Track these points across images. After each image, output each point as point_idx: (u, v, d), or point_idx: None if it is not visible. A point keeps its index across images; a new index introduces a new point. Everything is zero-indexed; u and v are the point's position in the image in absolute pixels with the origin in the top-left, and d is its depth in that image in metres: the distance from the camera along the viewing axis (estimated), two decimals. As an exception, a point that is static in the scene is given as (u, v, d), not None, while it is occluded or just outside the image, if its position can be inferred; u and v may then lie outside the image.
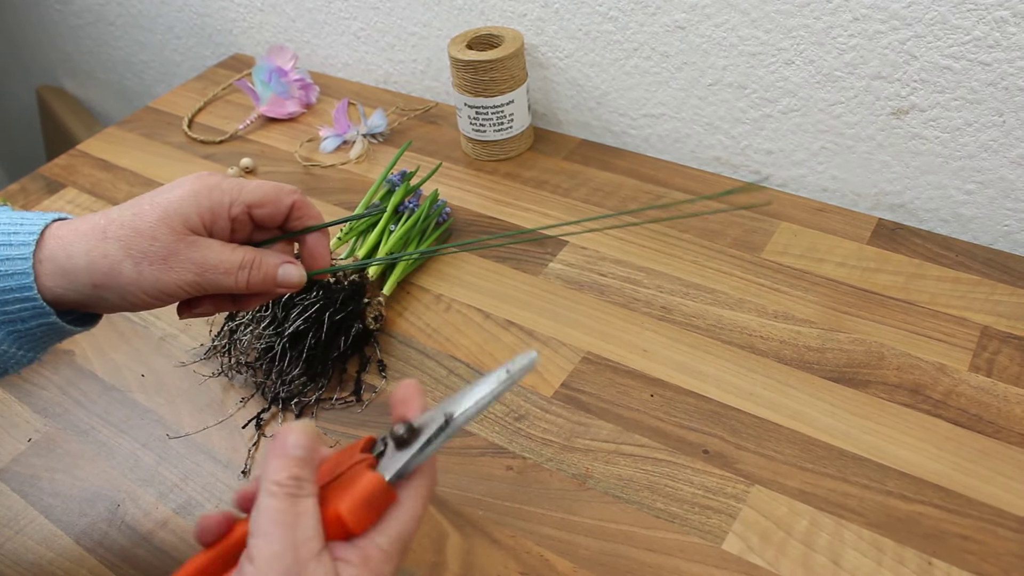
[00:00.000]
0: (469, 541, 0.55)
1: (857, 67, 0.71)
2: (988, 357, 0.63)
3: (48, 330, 0.48)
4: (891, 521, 0.54)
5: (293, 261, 0.51)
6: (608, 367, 0.65)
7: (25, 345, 0.48)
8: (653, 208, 0.79)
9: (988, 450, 0.57)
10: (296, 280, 0.51)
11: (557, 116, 0.93)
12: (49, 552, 0.58)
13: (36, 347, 0.49)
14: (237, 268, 0.48)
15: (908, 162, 0.74)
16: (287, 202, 0.51)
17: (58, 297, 0.47)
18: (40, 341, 0.49)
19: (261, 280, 0.49)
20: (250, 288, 0.49)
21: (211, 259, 0.47)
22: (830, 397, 0.61)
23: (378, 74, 1.06)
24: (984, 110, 0.67)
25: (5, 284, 0.46)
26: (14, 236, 0.47)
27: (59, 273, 0.46)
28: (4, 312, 0.46)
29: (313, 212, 0.52)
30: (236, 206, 0.49)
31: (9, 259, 0.46)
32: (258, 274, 0.49)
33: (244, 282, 0.49)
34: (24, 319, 0.47)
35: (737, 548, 0.53)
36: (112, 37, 1.42)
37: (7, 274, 0.46)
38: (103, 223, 0.47)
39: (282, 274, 0.50)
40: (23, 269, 0.46)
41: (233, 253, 0.48)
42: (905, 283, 0.69)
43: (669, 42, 0.80)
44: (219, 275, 0.48)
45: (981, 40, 0.64)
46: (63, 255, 0.47)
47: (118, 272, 0.46)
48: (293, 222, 0.52)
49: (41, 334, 0.48)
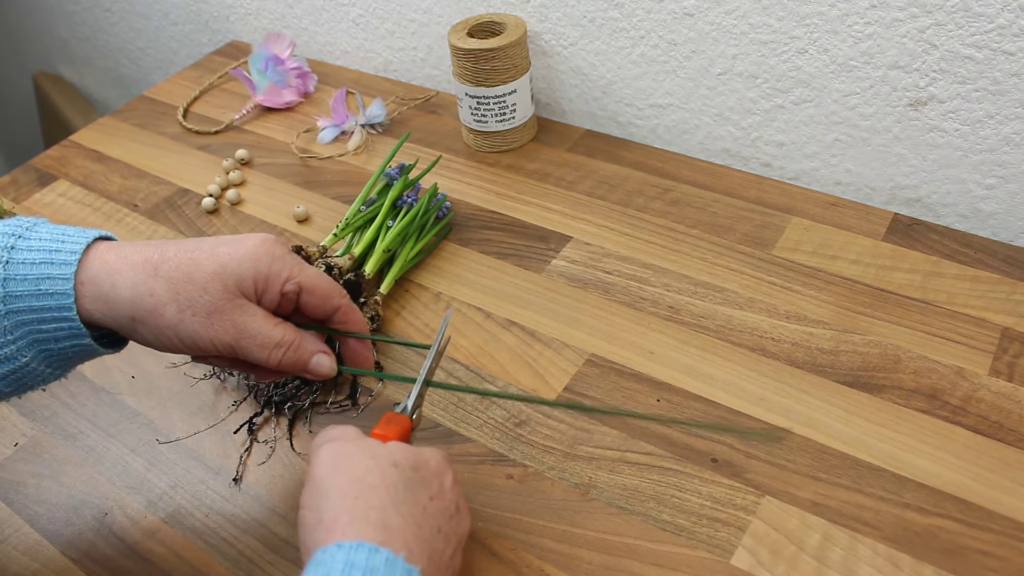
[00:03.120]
0: (467, 555, 0.53)
1: (873, 56, 0.68)
2: (1009, 360, 0.60)
3: (80, 351, 0.48)
4: (908, 535, 0.51)
5: (328, 352, 0.52)
6: (613, 370, 0.63)
7: (53, 363, 0.48)
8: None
9: (1009, 460, 0.54)
10: (326, 371, 0.51)
11: (561, 106, 0.90)
12: (34, 563, 0.56)
13: (64, 366, 0.49)
14: (274, 345, 0.48)
15: (926, 155, 0.71)
16: (336, 303, 0.51)
17: (94, 321, 0.47)
18: (70, 361, 0.48)
19: (292, 363, 0.50)
20: (280, 368, 0.49)
21: (252, 328, 0.47)
22: (844, 403, 0.59)
23: (377, 62, 1.04)
24: (1007, 101, 0.65)
25: (44, 303, 0.45)
26: (56, 255, 0.46)
27: (100, 299, 0.46)
28: (39, 331, 0.46)
29: (358, 318, 0.53)
30: (291, 284, 0.49)
31: (50, 278, 0.45)
32: (292, 356, 0.49)
33: (277, 360, 0.49)
34: (58, 339, 0.46)
35: (747, 563, 0.51)
36: (108, 24, 1.39)
37: (47, 293, 0.45)
38: (156, 259, 0.47)
39: (314, 363, 0.51)
40: (64, 290, 0.45)
41: (275, 329, 0.48)
42: (922, 282, 0.67)
43: (677, 30, 0.77)
44: (255, 346, 0.48)
45: (1005, 28, 0.61)
46: (108, 283, 0.46)
47: (160, 314, 0.46)
48: (335, 323, 0.53)
49: (72, 354, 0.48)
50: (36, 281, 0.45)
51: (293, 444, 0.61)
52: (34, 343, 0.46)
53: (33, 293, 0.45)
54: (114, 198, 0.88)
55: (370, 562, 0.39)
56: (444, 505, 0.45)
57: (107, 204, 0.87)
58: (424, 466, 0.46)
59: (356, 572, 0.38)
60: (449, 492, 0.46)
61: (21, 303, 0.45)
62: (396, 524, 0.42)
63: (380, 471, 0.44)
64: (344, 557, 0.39)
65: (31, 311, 0.45)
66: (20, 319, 0.45)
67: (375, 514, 0.41)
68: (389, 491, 0.43)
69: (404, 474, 0.44)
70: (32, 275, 0.45)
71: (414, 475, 0.45)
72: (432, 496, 0.45)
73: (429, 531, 0.43)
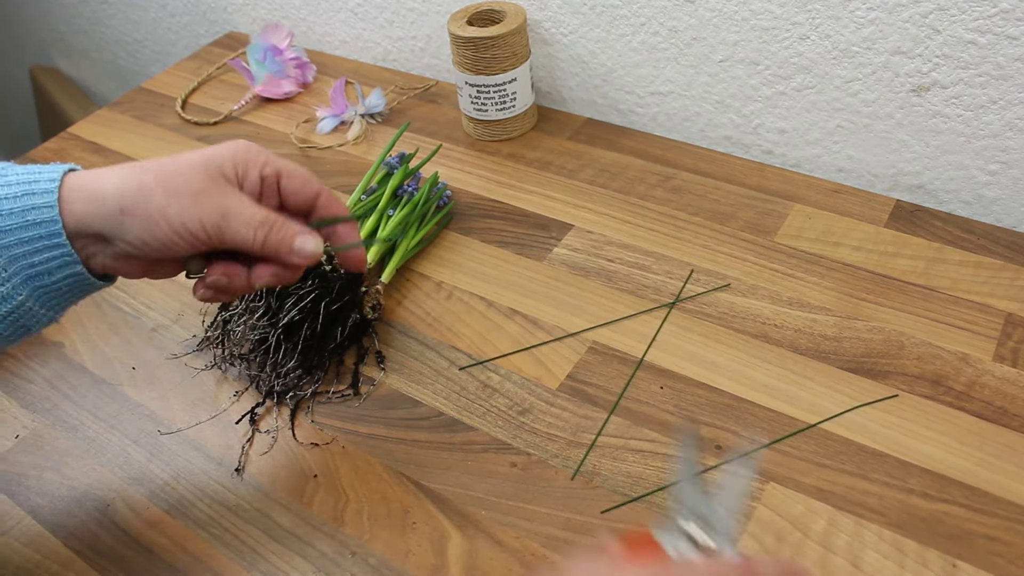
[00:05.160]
0: (471, 542, 0.53)
1: (876, 42, 0.68)
2: (1013, 346, 0.60)
3: (73, 283, 0.48)
4: (913, 521, 0.51)
5: (313, 233, 0.51)
6: (615, 357, 0.63)
7: (49, 303, 0.48)
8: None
9: (1014, 445, 0.54)
10: (311, 250, 0.50)
11: (561, 94, 0.90)
12: (36, 555, 0.56)
13: (58, 305, 0.49)
14: (259, 223, 0.48)
15: (928, 141, 0.71)
16: (316, 187, 0.52)
17: (83, 224, 0.47)
18: (64, 297, 0.49)
19: (278, 241, 0.49)
20: (265, 248, 0.49)
21: (236, 207, 0.48)
22: (848, 389, 0.59)
23: (376, 52, 1.03)
24: (1011, 87, 0.64)
25: (33, 233, 0.46)
26: (35, 184, 0.47)
27: (87, 198, 0.47)
28: (31, 264, 0.46)
29: (340, 207, 0.53)
30: (268, 167, 0.50)
31: (35, 208, 0.46)
32: (276, 235, 0.49)
33: (262, 239, 0.49)
34: (51, 271, 0.47)
35: (752, 549, 0.51)
36: (105, 16, 1.39)
37: (34, 223, 0.46)
38: (139, 163, 0.48)
39: (299, 242, 0.50)
40: (50, 217, 0.46)
41: (258, 209, 0.49)
42: (925, 268, 0.67)
43: (678, 16, 0.76)
44: (241, 224, 0.48)
45: (1009, 12, 0.61)
46: (93, 182, 0.47)
47: (148, 197, 0.46)
48: (319, 210, 0.53)
49: (66, 288, 0.48)
50: (22, 213, 0.46)
51: (295, 434, 0.61)
52: (28, 279, 0.47)
53: (21, 225, 0.46)
54: (113, 190, 0.88)
55: None
56: None
57: (106, 196, 0.87)
58: None
59: None
60: None
61: (11, 237, 0.46)
62: None
63: None
64: None
65: (21, 243, 0.46)
66: (12, 254, 0.46)
67: None
68: None
69: None
70: (17, 208, 0.46)
71: None
72: None
73: None
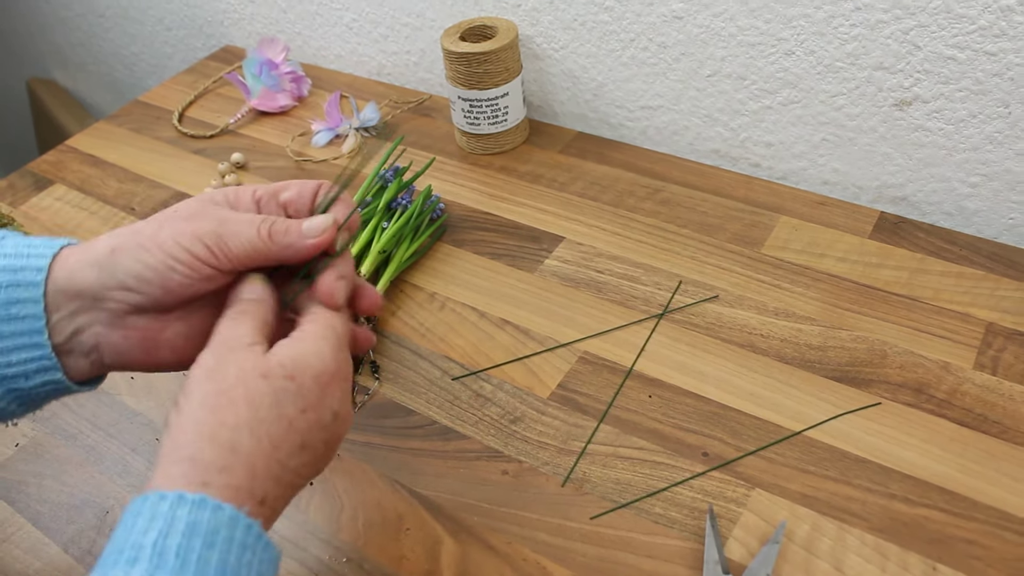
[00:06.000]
0: (464, 548, 0.54)
1: (859, 57, 0.70)
2: (993, 355, 0.61)
3: (51, 390, 0.45)
4: (895, 525, 0.52)
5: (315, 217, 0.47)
6: (605, 367, 0.64)
7: (24, 404, 0.45)
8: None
9: (994, 451, 0.56)
10: (320, 223, 0.45)
11: (553, 108, 0.91)
12: (36, 561, 0.57)
13: (34, 406, 0.46)
14: (260, 218, 0.45)
15: (911, 154, 0.72)
16: (312, 184, 0.48)
17: (73, 280, 0.43)
18: (42, 400, 0.46)
19: (284, 230, 0.45)
20: (274, 238, 0.44)
21: (232, 215, 0.44)
22: (832, 397, 0.60)
23: (371, 66, 1.05)
24: (989, 101, 0.66)
25: (14, 328, 0.42)
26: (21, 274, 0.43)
27: (80, 251, 0.44)
28: (7, 363, 0.43)
29: (343, 196, 0.49)
30: (260, 189, 0.47)
31: (19, 301, 0.42)
32: (281, 224, 0.45)
33: (267, 231, 0.44)
34: (28, 374, 0.43)
35: (738, 554, 0.52)
36: (102, 29, 1.40)
37: (17, 317, 0.42)
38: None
39: (307, 226, 0.45)
40: (34, 312, 0.42)
41: (256, 213, 0.46)
42: (908, 278, 0.68)
43: (666, 32, 0.78)
44: (241, 226, 0.44)
45: (987, 29, 0.63)
46: (87, 244, 0.44)
47: (139, 231, 0.44)
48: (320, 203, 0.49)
49: (44, 394, 0.45)
50: (5, 306, 0.42)
51: (291, 442, 0.62)
52: (3, 379, 0.43)
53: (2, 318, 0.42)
54: (111, 202, 0.89)
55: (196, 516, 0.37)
56: (318, 416, 0.42)
57: (104, 208, 0.88)
58: (303, 372, 0.41)
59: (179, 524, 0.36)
60: (329, 399, 0.42)
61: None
62: (245, 449, 0.39)
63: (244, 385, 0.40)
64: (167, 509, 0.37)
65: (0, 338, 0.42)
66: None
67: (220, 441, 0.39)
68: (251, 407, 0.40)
69: (274, 384, 0.40)
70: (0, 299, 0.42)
71: (288, 384, 0.41)
72: (305, 408, 0.41)
73: (287, 449, 0.40)
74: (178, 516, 0.36)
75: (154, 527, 0.36)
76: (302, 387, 0.41)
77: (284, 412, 0.40)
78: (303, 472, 0.42)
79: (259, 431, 0.39)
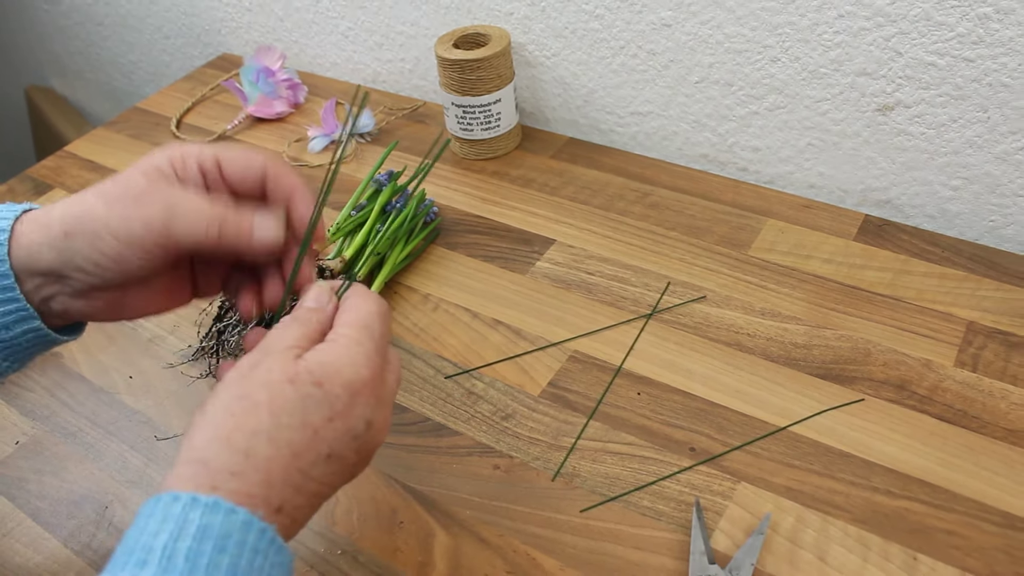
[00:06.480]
0: (456, 540, 0.55)
1: (842, 64, 0.71)
2: (973, 352, 0.63)
3: (34, 338, 0.47)
4: (877, 517, 0.54)
5: (267, 213, 0.46)
6: (595, 365, 0.66)
7: (10, 356, 0.47)
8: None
9: (973, 445, 0.57)
10: (272, 235, 0.46)
11: (544, 114, 0.93)
12: (36, 555, 0.58)
13: (22, 358, 0.48)
14: (209, 217, 0.44)
15: (894, 158, 0.74)
16: (260, 162, 0.47)
17: (33, 259, 0.45)
18: (26, 351, 0.48)
19: (235, 234, 0.45)
20: (223, 242, 0.45)
21: (181, 202, 0.44)
22: (817, 394, 0.61)
23: (366, 73, 1.06)
24: (969, 106, 0.68)
25: None
26: None
27: (36, 228, 0.45)
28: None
29: (291, 180, 0.48)
30: (205, 154, 0.47)
31: None
32: (232, 227, 0.45)
33: (216, 233, 0.44)
34: (8, 325, 0.46)
35: (724, 546, 0.53)
36: (100, 37, 1.42)
37: None
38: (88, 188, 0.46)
39: (258, 225, 0.45)
40: (2, 271, 0.45)
41: (207, 202, 0.45)
42: (892, 279, 0.70)
43: (655, 40, 0.80)
44: (190, 222, 0.44)
45: (965, 36, 0.65)
46: (44, 213, 0.46)
47: (90, 213, 0.44)
48: (272, 186, 0.48)
49: (27, 344, 0.47)
50: None
51: (287, 439, 0.63)
52: None
53: None
54: (109, 206, 0.90)
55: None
56: (348, 425, 0.41)
57: (103, 212, 0.89)
58: (332, 379, 0.40)
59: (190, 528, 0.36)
60: (361, 407, 0.41)
61: None
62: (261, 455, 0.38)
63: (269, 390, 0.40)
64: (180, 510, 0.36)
65: None
66: None
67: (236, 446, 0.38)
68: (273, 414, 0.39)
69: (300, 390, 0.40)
70: None
71: (314, 391, 0.40)
72: (332, 416, 0.40)
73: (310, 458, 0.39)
74: (190, 519, 0.35)
75: (165, 529, 0.35)
76: (329, 394, 0.40)
77: (309, 420, 0.39)
78: (330, 481, 0.41)
79: (279, 438, 0.38)
